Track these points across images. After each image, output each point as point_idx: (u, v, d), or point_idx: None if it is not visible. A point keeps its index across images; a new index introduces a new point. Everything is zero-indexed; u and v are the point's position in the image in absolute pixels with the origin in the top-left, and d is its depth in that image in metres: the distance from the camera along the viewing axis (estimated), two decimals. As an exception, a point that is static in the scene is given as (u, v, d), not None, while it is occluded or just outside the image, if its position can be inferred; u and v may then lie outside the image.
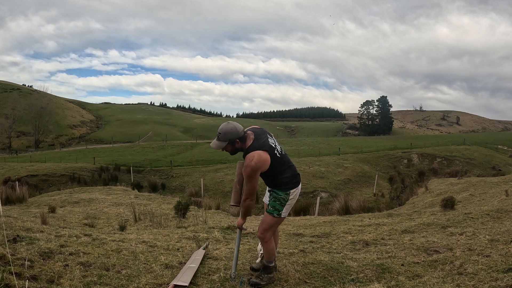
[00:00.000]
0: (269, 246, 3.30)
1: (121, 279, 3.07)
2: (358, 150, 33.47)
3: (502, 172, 22.75)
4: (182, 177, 25.51)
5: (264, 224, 3.27)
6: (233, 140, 3.12)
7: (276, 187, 3.27)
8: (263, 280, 3.27)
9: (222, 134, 3.11)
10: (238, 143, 3.14)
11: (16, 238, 3.73)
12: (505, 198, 8.47)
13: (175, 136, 71.24)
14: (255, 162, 3.04)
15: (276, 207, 3.24)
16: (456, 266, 3.42)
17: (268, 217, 3.27)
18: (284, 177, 3.24)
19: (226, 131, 3.10)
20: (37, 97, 74.93)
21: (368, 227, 5.73)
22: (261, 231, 3.27)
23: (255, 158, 3.05)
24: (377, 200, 18.49)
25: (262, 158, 3.07)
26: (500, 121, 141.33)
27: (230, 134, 3.10)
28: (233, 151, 3.20)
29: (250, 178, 3.09)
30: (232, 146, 3.15)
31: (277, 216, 3.25)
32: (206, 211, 9.58)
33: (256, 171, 3.07)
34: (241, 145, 3.15)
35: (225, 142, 3.12)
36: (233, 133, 3.10)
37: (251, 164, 3.04)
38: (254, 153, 3.07)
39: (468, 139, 40.74)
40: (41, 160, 33.44)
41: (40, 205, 10.69)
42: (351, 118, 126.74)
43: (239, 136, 3.12)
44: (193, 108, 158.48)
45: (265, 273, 3.32)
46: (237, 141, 3.13)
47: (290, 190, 3.25)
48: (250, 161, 3.05)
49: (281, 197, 3.24)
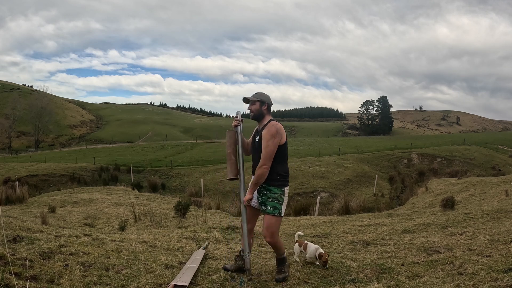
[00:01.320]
0: (280, 243, 3.40)
1: (121, 279, 3.06)
2: (358, 150, 33.46)
3: (502, 172, 22.75)
4: (182, 177, 25.50)
5: (270, 228, 3.28)
6: (264, 101, 3.38)
7: (272, 182, 3.28)
8: (286, 272, 3.38)
9: (256, 94, 3.43)
10: (265, 107, 3.38)
11: (16, 238, 3.73)
12: (505, 198, 8.47)
13: (175, 136, 71.22)
14: (280, 126, 3.28)
15: (275, 206, 3.27)
16: (456, 266, 3.42)
17: (272, 218, 3.28)
18: (283, 169, 3.32)
19: (260, 94, 3.44)
20: (37, 97, 74.91)
21: (368, 227, 5.74)
22: (270, 235, 3.29)
23: (279, 124, 3.31)
24: (377, 200, 18.49)
25: (282, 128, 3.30)
26: (500, 121, 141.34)
27: (263, 96, 3.42)
28: (257, 112, 3.38)
29: (273, 139, 3.21)
30: (260, 107, 3.37)
31: (278, 214, 3.28)
32: (206, 211, 9.58)
33: (279, 134, 3.23)
34: (266, 112, 3.39)
35: (258, 100, 3.38)
36: (266, 96, 3.42)
37: (277, 127, 3.25)
38: (277, 123, 3.33)
39: (468, 139, 40.74)
40: (41, 160, 33.44)
41: (40, 205, 10.68)
42: (351, 118, 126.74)
43: (269, 103, 3.42)
44: (193, 108, 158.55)
45: (283, 264, 3.42)
46: (266, 104, 3.38)
47: (285, 187, 3.32)
48: (276, 124, 3.28)
49: (277, 195, 3.28)
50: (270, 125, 3.28)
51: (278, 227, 3.35)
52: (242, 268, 3.47)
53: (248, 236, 3.37)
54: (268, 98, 3.43)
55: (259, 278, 3.35)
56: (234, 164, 3.37)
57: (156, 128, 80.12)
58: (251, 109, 3.41)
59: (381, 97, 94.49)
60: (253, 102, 3.39)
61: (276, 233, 3.32)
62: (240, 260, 3.49)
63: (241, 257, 3.47)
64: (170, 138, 63.27)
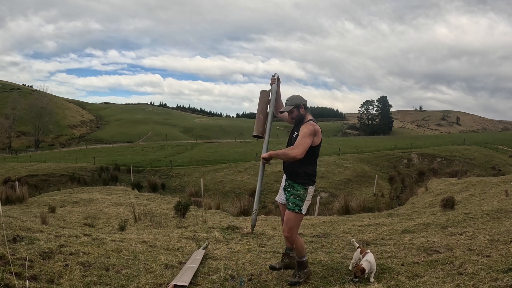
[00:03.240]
0: (298, 243, 3.35)
1: (121, 279, 3.06)
2: (358, 150, 33.44)
3: (502, 172, 22.73)
4: (182, 177, 25.49)
5: (288, 222, 3.31)
6: (299, 104, 3.37)
7: (297, 180, 3.30)
8: (301, 277, 3.31)
9: (289, 100, 3.41)
10: (302, 108, 3.38)
11: (16, 238, 3.73)
12: (505, 198, 8.47)
13: (175, 136, 71.19)
14: (318, 127, 3.30)
15: (296, 203, 3.28)
16: (456, 266, 3.42)
17: (291, 214, 3.30)
18: (311, 168, 3.33)
19: (292, 97, 3.41)
20: (37, 97, 74.88)
21: (368, 227, 5.74)
22: (287, 230, 3.32)
23: (317, 125, 3.32)
24: (377, 200, 18.49)
25: (319, 130, 3.31)
26: (500, 121, 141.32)
27: (296, 99, 3.39)
28: (298, 117, 3.39)
29: (310, 136, 3.22)
30: (298, 111, 3.38)
31: (299, 212, 3.29)
32: (206, 211, 9.58)
33: (316, 134, 3.25)
34: (305, 112, 3.40)
35: (292, 106, 3.37)
36: (299, 98, 3.40)
37: (315, 127, 3.27)
38: (316, 124, 3.34)
39: (468, 139, 40.72)
40: (41, 160, 33.43)
41: (40, 205, 10.68)
42: (351, 118, 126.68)
43: (304, 102, 3.39)
44: (193, 108, 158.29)
45: (301, 270, 3.35)
46: (302, 105, 3.38)
47: (309, 186, 3.32)
48: (315, 125, 3.29)
49: (300, 192, 3.29)
50: (309, 124, 3.28)
51: (297, 224, 3.34)
52: (289, 266, 3.52)
53: None
54: (301, 98, 3.41)
55: (259, 278, 3.35)
56: (261, 122, 3.37)
57: (156, 128, 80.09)
58: (292, 117, 3.41)
59: (381, 97, 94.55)
60: (291, 111, 3.39)
61: (294, 229, 3.32)
62: (288, 258, 3.55)
63: (287, 254, 3.54)
64: (170, 138, 63.23)
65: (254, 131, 3.41)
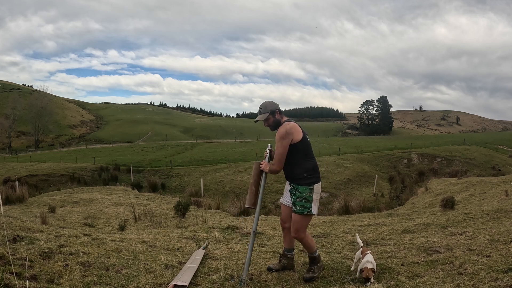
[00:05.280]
0: (307, 240, 3.39)
1: (121, 279, 3.06)
2: (358, 150, 33.44)
3: (502, 172, 22.71)
4: (182, 177, 25.49)
5: (295, 224, 3.32)
6: (274, 110, 3.39)
7: (299, 181, 3.29)
8: (315, 272, 3.35)
9: (263, 107, 3.42)
10: (278, 114, 3.40)
11: (16, 238, 3.73)
12: (505, 198, 8.46)
13: (175, 136, 71.18)
14: (290, 126, 3.27)
15: (304, 205, 3.27)
16: (456, 266, 3.42)
17: (298, 217, 3.30)
18: (310, 164, 3.31)
19: (265, 104, 3.43)
20: (37, 97, 74.91)
21: (368, 227, 5.74)
22: (294, 231, 3.33)
23: (291, 124, 3.29)
24: (377, 200, 18.48)
25: (297, 127, 3.30)
26: (500, 121, 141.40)
27: (270, 106, 3.41)
28: (274, 123, 3.39)
29: (282, 141, 3.23)
30: (274, 117, 3.39)
31: (308, 213, 3.28)
32: (206, 211, 9.58)
33: (289, 135, 3.23)
34: (280, 117, 3.40)
35: (267, 113, 3.38)
36: (272, 104, 3.43)
37: (286, 127, 3.26)
38: (290, 122, 3.34)
39: (468, 139, 40.72)
40: (41, 160, 33.43)
41: (40, 205, 10.68)
42: (351, 118, 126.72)
43: (278, 108, 3.42)
44: (193, 108, 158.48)
45: (314, 264, 3.40)
46: (277, 111, 3.40)
47: (314, 184, 3.29)
48: (286, 125, 3.28)
49: (305, 194, 3.27)
50: (281, 127, 3.29)
51: (304, 224, 3.34)
52: (287, 267, 3.54)
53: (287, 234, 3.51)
54: (273, 104, 3.42)
55: (259, 278, 3.35)
56: (253, 194, 3.41)
57: (156, 128, 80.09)
58: (268, 124, 3.42)
59: (381, 97, 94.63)
60: (267, 119, 3.39)
61: (301, 230, 3.33)
62: (285, 259, 3.56)
63: (285, 255, 3.56)
64: (170, 138, 63.24)
65: (247, 202, 3.47)
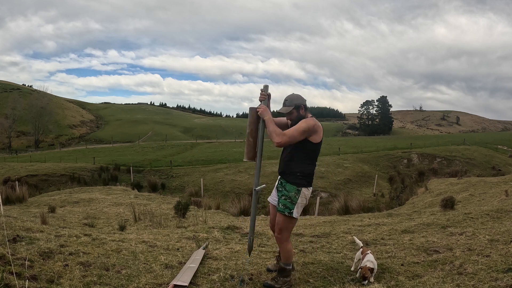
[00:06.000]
0: (286, 247, 3.18)
1: (121, 279, 3.06)
2: (358, 150, 33.43)
3: (502, 172, 22.70)
4: (182, 177, 25.48)
5: (278, 224, 3.17)
6: (299, 105, 3.16)
7: (288, 178, 3.14)
8: (278, 283, 3.15)
9: (288, 100, 3.19)
10: (302, 109, 3.18)
11: (16, 238, 3.73)
12: (505, 198, 8.46)
13: (175, 136, 71.18)
14: (319, 125, 3.11)
15: (286, 205, 3.11)
16: (456, 266, 3.42)
17: (280, 216, 3.14)
18: (309, 169, 3.15)
19: (292, 97, 3.20)
20: (37, 97, 74.91)
21: (368, 227, 5.74)
22: (277, 231, 3.19)
23: (316, 121, 3.12)
24: (377, 200, 18.47)
25: (320, 127, 3.14)
26: (500, 121, 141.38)
27: (296, 99, 3.18)
28: (297, 118, 3.16)
29: (305, 130, 3.03)
30: (298, 112, 3.17)
31: (289, 214, 3.10)
32: (206, 211, 9.58)
33: (312, 130, 3.06)
34: (304, 113, 3.18)
35: (291, 107, 3.16)
36: (299, 99, 3.19)
37: (316, 123, 3.10)
38: (317, 122, 3.15)
39: (468, 139, 40.71)
40: (41, 160, 33.42)
41: (40, 205, 10.68)
42: (351, 118, 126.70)
43: (304, 103, 3.19)
44: (193, 108, 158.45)
45: (281, 276, 3.18)
46: (302, 107, 3.17)
47: (302, 187, 3.12)
48: (316, 121, 3.11)
49: (291, 194, 3.10)
50: (310, 119, 3.10)
51: (287, 227, 3.15)
52: None
53: None
54: (301, 98, 3.19)
55: (259, 278, 3.35)
56: (251, 146, 3.10)
57: (156, 128, 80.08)
58: (291, 119, 3.20)
59: (381, 97, 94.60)
60: (290, 112, 3.16)
61: (284, 232, 3.15)
62: None
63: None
64: (170, 138, 63.23)
65: (245, 156, 3.17)
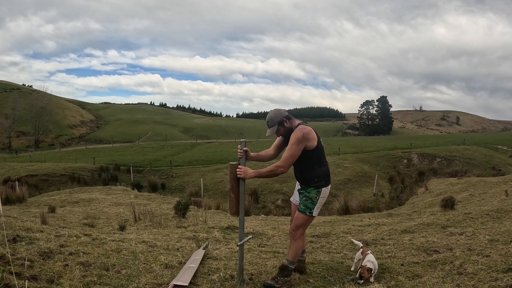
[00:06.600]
0: (297, 245, 3.28)
1: (121, 279, 3.06)
2: (358, 150, 33.43)
3: (502, 172, 22.70)
4: (182, 177, 25.48)
5: (296, 221, 3.29)
6: (281, 120, 3.23)
7: (309, 184, 3.25)
8: (278, 283, 3.17)
9: (270, 120, 3.25)
10: (287, 122, 3.24)
11: (16, 238, 3.73)
12: (505, 198, 8.46)
13: (175, 136, 71.19)
14: (307, 131, 3.13)
15: (307, 205, 3.23)
16: (456, 266, 3.42)
17: (300, 215, 3.27)
18: (322, 170, 3.26)
19: (271, 117, 3.25)
20: (37, 97, 74.93)
21: (368, 227, 5.74)
22: (293, 227, 3.29)
23: (307, 128, 3.15)
24: (377, 200, 18.47)
25: (313, 133, 3.17)
26: (500, 121, 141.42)
27: (276, 117, 3.24)
28: (286, 132, 3.23)
29: (297, 144, 3.09)
30: (283, 127, 3.24)
31: (309, 214, 3.23)
32: (206, 211, 9.58)
33: (303, 140, 3.10)
34: (290, 124, 3.25)
35: (275, 126, 3.23)
36: (277, 115, 3.24)
37: (304, 131, 3.11)
38: (306, 126, 3.19)
39: (468, 139, 40.71)
40: (41, 160, 33.43)
41: (40, 205, 10.68)
42: (351, 118, 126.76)
43: (284, 116, 3.24)
44: (193, 108, 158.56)
45: (282, 275, 3.21)
46: (285, 120, 3.24)
47: (322, 188, 3.24)
48: (303, 129, 3.13)
49: (312, 195, 3.23)
50: (297, 130, 3.14)
51: (304, 224, 3.29)
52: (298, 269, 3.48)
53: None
54: (279, 114, 3.24)
55: (259, 278, 3.35)
56: (233, 202, 3.14)
57: (156, 128, 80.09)
58: (280, 134, 3.29)
59: (381, 97, 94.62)
60: (276, 131, 3.25)
61: (300, 228, 3.27)
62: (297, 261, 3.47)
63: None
64: (170, 138, 63.25)
65: (229, 211, 3.21)
